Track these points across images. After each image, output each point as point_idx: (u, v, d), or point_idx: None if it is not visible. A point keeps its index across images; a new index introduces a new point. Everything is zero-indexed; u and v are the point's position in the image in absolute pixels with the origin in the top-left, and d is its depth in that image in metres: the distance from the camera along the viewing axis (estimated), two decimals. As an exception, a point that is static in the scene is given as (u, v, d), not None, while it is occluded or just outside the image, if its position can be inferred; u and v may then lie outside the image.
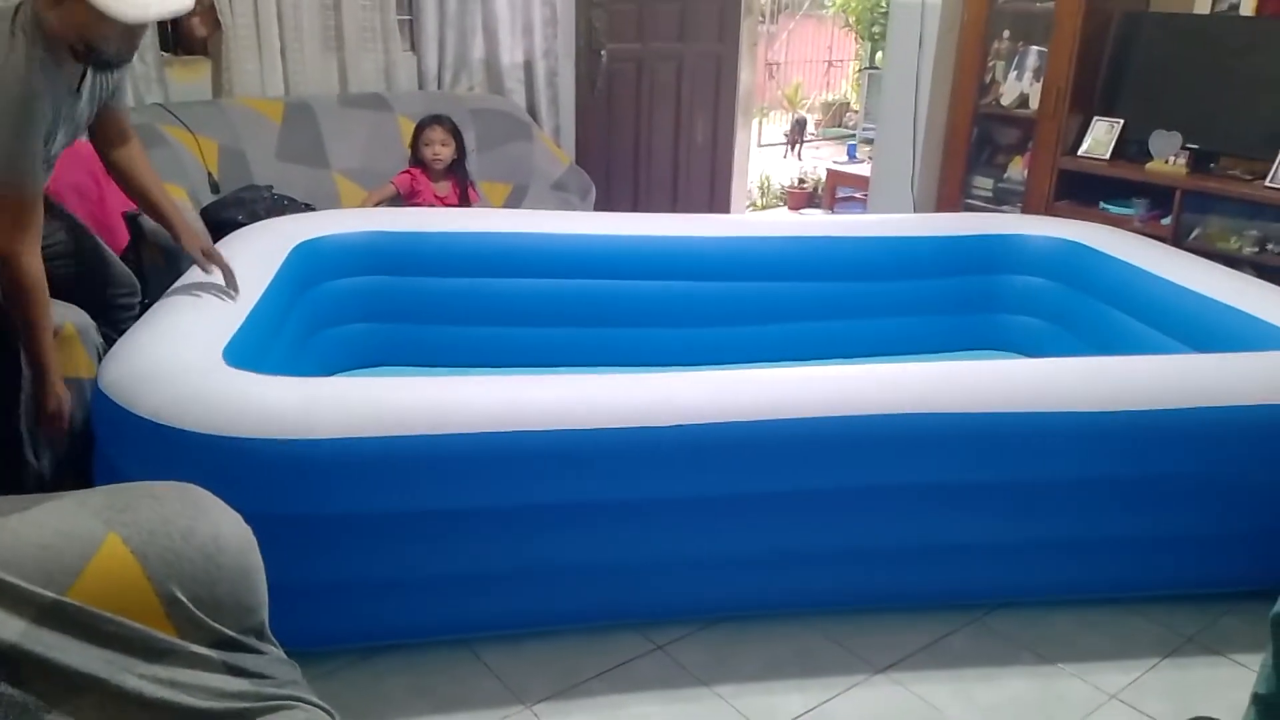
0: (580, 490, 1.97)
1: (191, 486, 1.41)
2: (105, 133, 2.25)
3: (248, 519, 1.43)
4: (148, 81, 3.49)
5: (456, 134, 3.53)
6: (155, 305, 2.28)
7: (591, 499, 1.99)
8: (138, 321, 2.18)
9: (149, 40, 3.48)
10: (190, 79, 3.68)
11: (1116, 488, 2.18)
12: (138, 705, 1.26)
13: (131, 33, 1.89)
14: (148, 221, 2.59)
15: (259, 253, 2.62)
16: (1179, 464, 2.17)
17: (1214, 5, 4.09)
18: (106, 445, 1.96)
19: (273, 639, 1.42)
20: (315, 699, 1.38)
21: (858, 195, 6.34)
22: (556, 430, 1.90)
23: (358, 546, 1.93)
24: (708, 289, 3.21)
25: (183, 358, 1.97)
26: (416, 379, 2.05)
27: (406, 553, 1.97)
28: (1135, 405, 2.12)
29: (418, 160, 3.53)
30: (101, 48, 1.88)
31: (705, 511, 2.06)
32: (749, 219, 5.48)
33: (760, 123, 9.13)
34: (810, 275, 3.28)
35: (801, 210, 6.86)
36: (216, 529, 1.36)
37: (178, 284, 2.36)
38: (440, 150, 3.49)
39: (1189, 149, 4.00)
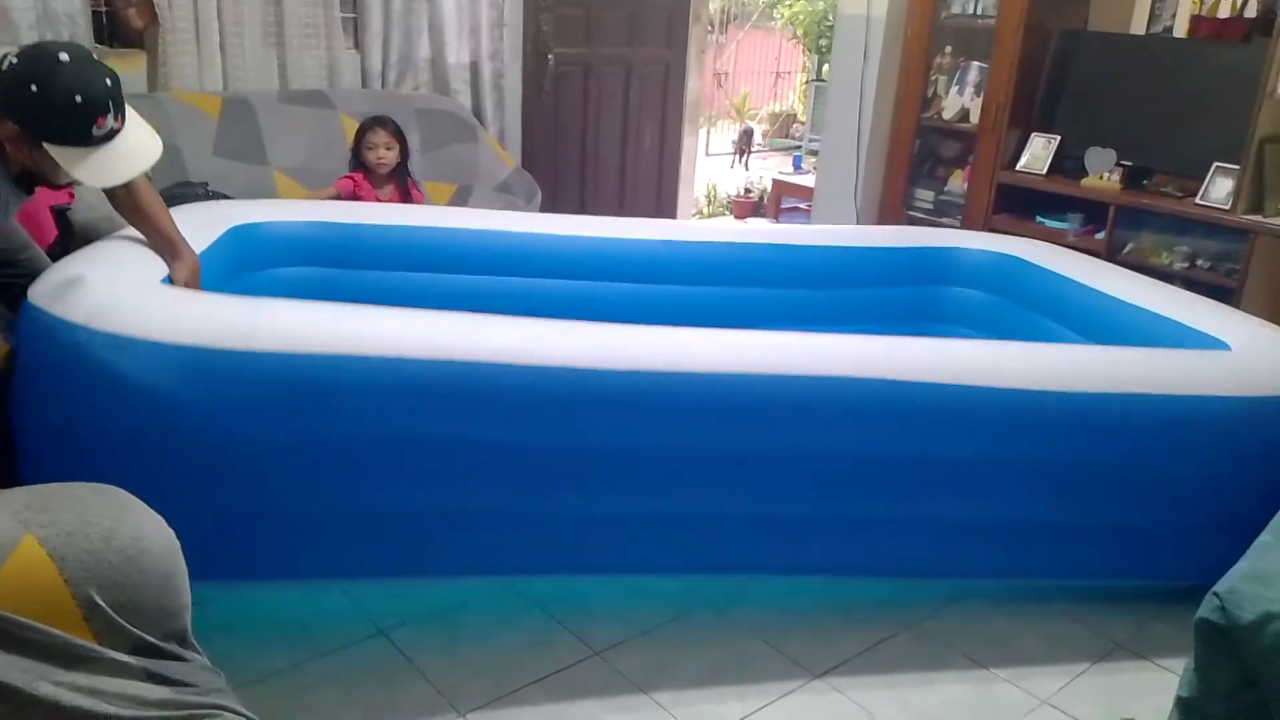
0: (464, 427, 1.94)
1: (113, 488, 1.36)
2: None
3: (163, 435, 1.39)
4: (80, 72, 3.39)
5: (400, 136, 3.45)
6: (86, 247, 2.22)
7: (478, 437, 1.95)
8: (70, 255, 2.13)
9: (83, 31, 3.39)
10: (125, 71, 3.54)
11: (1038, 471, 2.21)
12: (54, 714, 1.21)
13: None
14: (76, 216, 2.52)
15: (187, 230, 2.56)
16: (1100, 450, 2.20)
17: (1149, 26, 4.20)
18: (29, 364, 1.89)
19: (196, 645, 1.38)
20: (240, 707, 1.34)
21: (802, 206, 6.40)
22: (445, 361, 1.89)
23: (258, 472, 1.89)
24: (650, 291, 3.20)
25: (119, 276, 1.96)
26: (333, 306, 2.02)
27: (302, 481, 1.92)
28: (1059, 386, 2.16)
29: (360, 164, 3.44)
30: (56, 182, 1.90)
31: (609, 464, 2.03)
32: (694, 224, 5.50)
33: (708, 132, 9.18)
34: (752, 281, 3.29)
35: (747, 219, 6.90)
36: (139, 531, 1.31)
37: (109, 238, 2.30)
38: (385, 154, 3.40)
39: (1123, 165, 4.10)
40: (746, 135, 8.88)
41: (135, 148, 1.88)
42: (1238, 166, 3.69)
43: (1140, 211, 4.00)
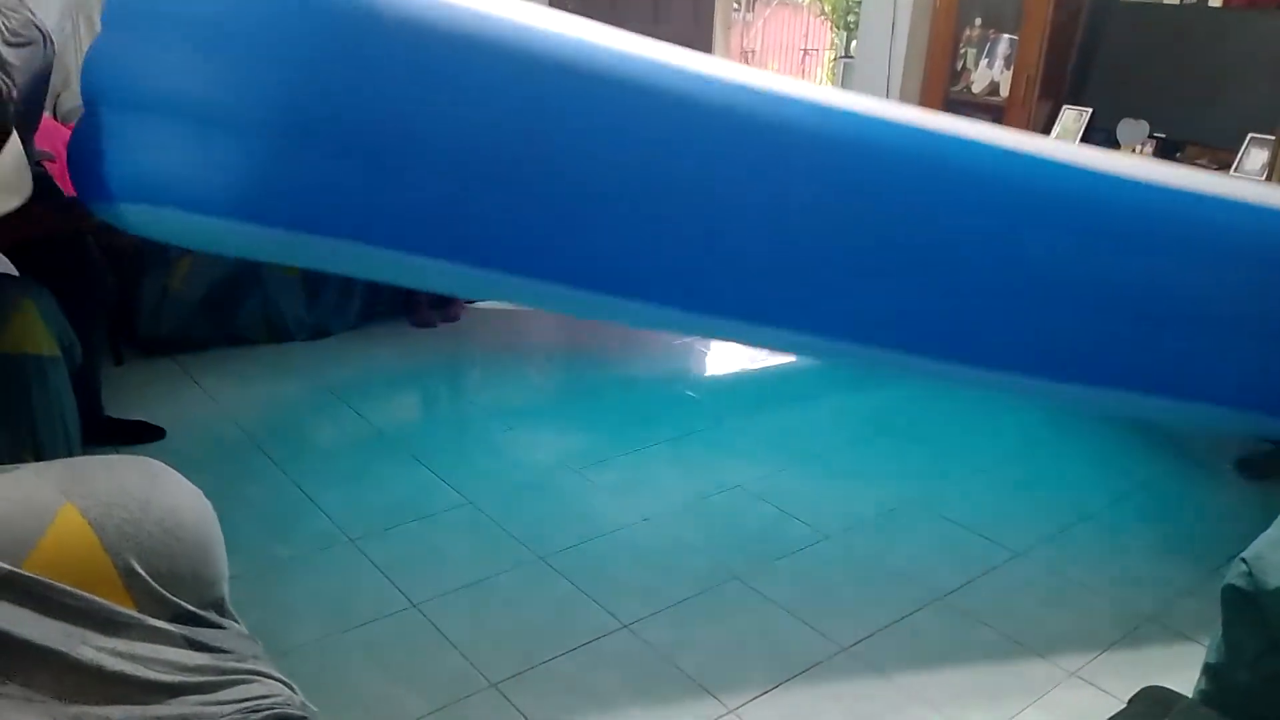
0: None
1: (149, 460, 1.40)
2: None
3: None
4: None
5: None
6: None
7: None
8: None
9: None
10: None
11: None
12: (95, 678, 1.24)
13: None
14: None
15: None
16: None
17: (1184, -5, 4.13)
18: None
19: (233, 613, 1.41)
20: (276, 673, 1.37)
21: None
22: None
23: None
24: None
25: None
26: None
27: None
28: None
29: None
30: None
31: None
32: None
33: (734, 109, 9.11)
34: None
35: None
36: (175, 501, 1.34)
37: None
38: None
39: (1156, 138, 4.04)
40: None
41: None
42: (1272, 137, 3.62)
43: (1173, 184, 3.94)
